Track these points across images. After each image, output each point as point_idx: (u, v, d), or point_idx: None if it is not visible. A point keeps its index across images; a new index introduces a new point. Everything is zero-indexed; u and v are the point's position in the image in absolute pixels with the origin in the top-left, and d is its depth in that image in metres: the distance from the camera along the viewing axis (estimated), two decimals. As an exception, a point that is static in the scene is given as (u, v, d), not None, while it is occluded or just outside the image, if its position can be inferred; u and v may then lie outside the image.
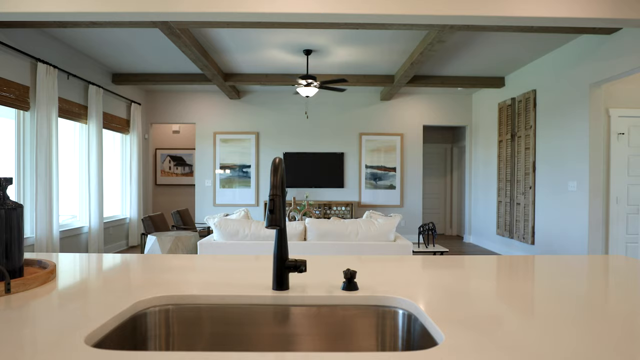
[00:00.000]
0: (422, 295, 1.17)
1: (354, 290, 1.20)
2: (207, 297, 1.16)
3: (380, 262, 1.64)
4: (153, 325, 1.12)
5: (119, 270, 1.47)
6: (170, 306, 1.15)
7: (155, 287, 1.23)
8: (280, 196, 1.00)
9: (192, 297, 1.16)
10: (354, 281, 1.22)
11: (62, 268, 1.50)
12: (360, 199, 8.40)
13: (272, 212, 0.99)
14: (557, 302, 1.12)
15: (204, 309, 1.16)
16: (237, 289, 1.22)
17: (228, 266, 1.53)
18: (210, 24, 4.31)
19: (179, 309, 1.15)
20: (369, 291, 1.20)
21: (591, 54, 4.97)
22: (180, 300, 1.16)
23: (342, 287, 1.22)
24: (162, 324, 1.13)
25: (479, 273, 1.46)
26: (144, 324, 1.10)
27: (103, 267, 1.51)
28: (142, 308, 1.11)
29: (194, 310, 1.15)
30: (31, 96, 4.97)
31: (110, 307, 1.05)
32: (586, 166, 5.04)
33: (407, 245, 3.89)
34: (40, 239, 4.99)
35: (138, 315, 1.09)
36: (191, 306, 1.16)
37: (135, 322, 1.08)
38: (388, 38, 5.32)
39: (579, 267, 1.58)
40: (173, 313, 1.15)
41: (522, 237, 6.41)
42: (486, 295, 1.18)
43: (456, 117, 8.49)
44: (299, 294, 1.17)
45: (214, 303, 1.16)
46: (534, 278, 1.40)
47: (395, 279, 1.36)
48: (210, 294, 1.17)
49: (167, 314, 1.14)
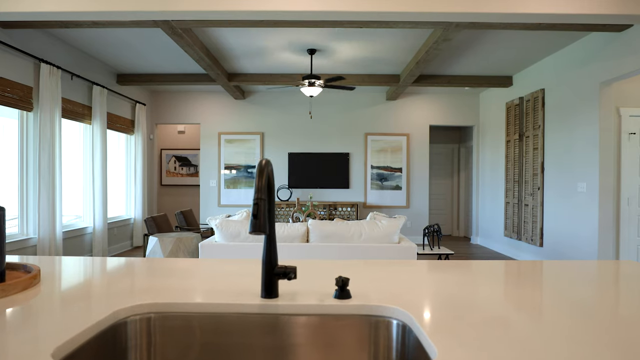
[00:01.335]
0: (419, 304, 1.10)
1: (347, 299, 1.14)
2: (192, 305, 1.11)
3: (378, 267, 1.57)
4: (133, 336, 1.06)
5: (105, 275, 1.42)
6: (152, 314, 1.09)
7: (139, 294, 1.17)
8: (265, 200, 0.94)
9: (176, 305, 1.11)
10: (347, 289, 1.15)
11: (48, 272, 1.45)
12: (365, 200, 8.33)
13: (255, 217, 0.93)
14: (566, 314, 1.05)
15: (189, 317, 1.10)
16: (224, 296, 1.16)
17: (218, 271, 1.48)
18: (212, 23, 4.27)
19: (162, 318, 1.10)
20: (363, 300, 1.14)
21: (601, 52, 4.85)
22: (163, 308, 1.11)
23: (334, 295, 1.16)
24: (144, 334, 1.08)
25: (483, 280, 1.39)
26: (124, 334, 1.05)
27: (89, 272, 1.47)
28: (122, 317, 1.05)
29: (177, 319, 1.10)
30: (34, 97, 4.97)
31: (88, 316, 0.99)
32: (596, 167, 4.92)
33: (411, 247, 3.82)
34: (43, 240, 4.98)
35: (117, 325, 1.04)
36: (175, 314, 1.10)
37: (115, 332, 1.03)
38: (393, 37, 5.24)
39: (588, 275, 1.50)
40: (155, 322, 1.09)
41: (531, 239, 6.29)
42: (489, 305, 1.11)
43: (463, 117, 8.38)
44: (288, 302, 1.11)
45: (198, 311, 1.10)
46: (542, 287, 1.33)
47: (392, 286, 1.30)
48: (194, 302, 1.11)
49: (148, 323, 1.08)
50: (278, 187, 8.29)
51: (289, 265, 1.14)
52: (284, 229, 3.92)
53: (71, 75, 5.71)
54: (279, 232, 3.89)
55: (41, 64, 4.96)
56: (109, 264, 1.60)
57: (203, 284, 1.29)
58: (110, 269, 1.52)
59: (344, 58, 6.12)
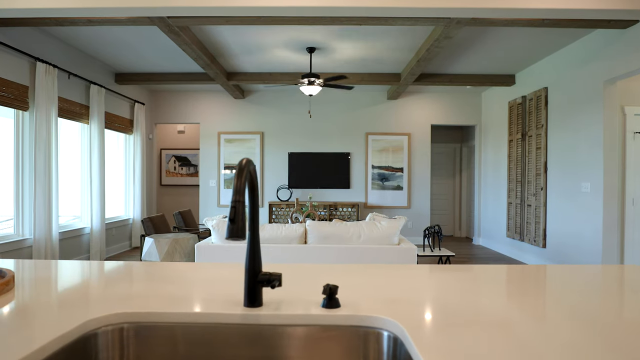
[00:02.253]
0: (412, 314, 1.02)
1: (335, 308, 1.07)
2: (168, 314, 1.04)
3: (373, 272, 1.49)
4: (105, 348, 0.99)
5: (83, 280, 1.35)
6: (126, 325, 1.02)
7: (114, 302, 1.10)
8: (244, 202, 0.87)
9: (151, 314, 1.04)
10: (336, 297, 1.08)
11: (25, 277, 1.38)
12: (366, 200, 8.25)
13: (232, 221, 0.86)
14: (572, 326, 0.97)
15: (165, 328, 1.03)
16: (204, 304, 1.09)
17: (201, 276, 1.40)
18: (209, 20, 4.20)
19: (136, 328, 1.02)
20: (352, 309, 1.06)
21: (605, 50, 4.76)
22: (137, 317, 1.03)
23: (322, 303, 1.08)
24: (116, 346, 1.01)
25: (483, 288, 1.31)
26: (95, 346, 0.98)
27: (68, 277, 1.39)
28: (93, 327, 0.98)
29: (152, 330, 1.03)
30: (30, 96, 4.91)
31: (57, 327, 0.92)
32: (600, 167, 4.83)
33: (411, 249, 3.74)
34: (38, 241, 4.92)
35: (88, 337, 0.97)
36: (150, 325, 1.03)
37: (85, 345, 0.96)
38: (393, 35, 5.16)
39: (593, 282, 1.42)
40: (129, 333, 1.02)
41: (533, 240, 6.20)
42: (489, 316, 1.03)
43: (465, 116, 8.29)
44: (272, 312, 1.04)
45: (175, 321, 1.03)
46: (545, 296, 1.25)
47: (386, 293, 1.22)
48: (171, 312, 1.04)
49: (121, 334, 1.01)
50: (278, 187, 8.22)
51: (273, 272, 1.07)
52: (281, 230, 3.85)
53: (68, 74, 5.65)
54: (276, 233, 3.82)
55: (37, 62, 4.91)
56: (89, 268, 1.52)
57: (183, 291, 1.22)
58: (89, 273, 1.45)
59: (344, 57, 6.04)
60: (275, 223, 7.72)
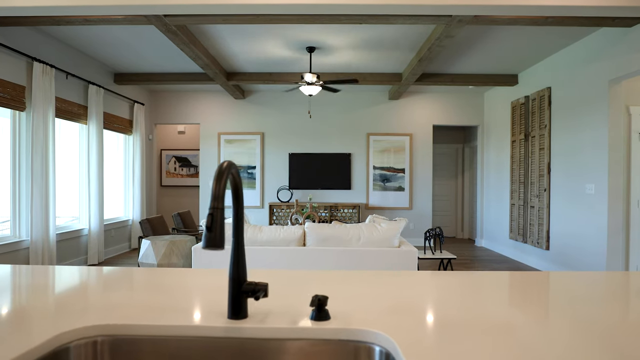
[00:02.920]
0: (407, 328, 0.96)
1: (325, 320, 1.00)
2: (146, 327, 0.97)
3: (368, 279, 1.42)
4: (76, 363, 0.93)
5: (59, 289, 1.29)
6: (100, 338, 0.95)
7: (89, 313, 1.04)
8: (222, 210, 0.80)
9: (128, 327, 0.97)
10: (325, 309, 1.01)
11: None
12: (367, 201, 8.17)
13: (209, 230, 0.79)
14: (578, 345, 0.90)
15: (142, 341, 0.96)
16: (185, 316, 1.03)
17: (188, 283, 1.34)
18: (206, 19, 4.14)
19: (111, 342, 0.96)
20: (343, 321, 0.99)
21: (610, 49, 4.68)
22: (113, 330, 0.97)
23: (310, 315, 1.01)
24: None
25: (483, 297, 1.24)
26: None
27: (43, 285, 1.33)
28: (65, 342, 0.92)
29: (129, 344, 0.96)
30: (27, 96, 4.86)
31: (26, 341, 0.86)
32: (605, 168, 4.74)
33: (412, 251, 3.66)
34: (35, 243, 4.87)
35: (59, 351, 0.90)
36: (126, 338, 0.96)
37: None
38: (394, 34, 5.09)
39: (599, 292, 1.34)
40: (103, 347, 0.95)
41: (537, 242, 6.11)
42: (488, 329, 0.96)
43: (467, 117, 8.20)
44: (257, 325, 0.97)
45: (153, 334, 0.97)
46: (550, 307, 1.18)
47: (381, 303, 1.15)
48: (149, 324, 0.97)
49: (95, 349, 0.95)
50: (278, 188, 8.16)
51: (259, 282, 1.00)
52: (279, 232, 3.79)
53: (66, 74, 5.61)
54: (274, 235, 3.76)
55: (34, 62, 4.86)
56: (67, 275, 1.46)
57: (165, 300, 1.15)
58: (67, 281, 1.38)
59: (345, 56, 5.97)
60: (275, 225, 7.66)
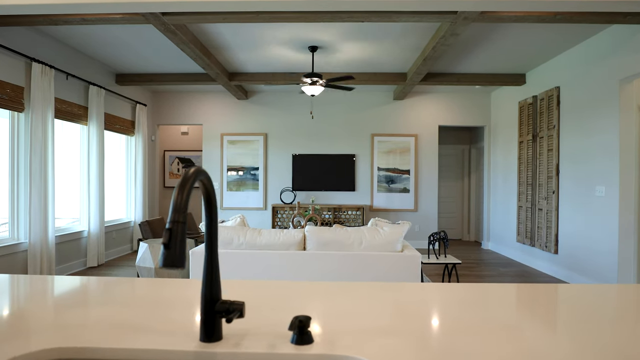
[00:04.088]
0: (397, 354, 0.85)
1: (307, 344, 0.89)
2: (108, 350, 0.87)
3: (361, 292, 1.32)
4: (26, 393, 0.83)
5: (21, 304, 1.19)
6: (55, 364, 0.86)
7: (47, 333, 0.94)
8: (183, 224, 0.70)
9: (88, 350, 0.87)
10: (308, 331, 0.91)
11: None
12: (372, 203, 8.05)
13: (167, 247, 0.69)
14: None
15: (103, 367, 0.86)
16: (154, 337, 0.93)
17: (165, 297, 1.24)
18: (205, 17, 4.06)
19: (68, 368, 0.86)
20: (326, 345, 0.89)
21: (621, 47, 4.53)
22: (72, 354, 0.87)
23: (291, 338, 0.91)
24: (42, 390, 0.85)
25: (487, 317, 1.13)
26: (14, 390, 0.82)
27: (4, 298, 1.24)
28: (15, 367, 0.82)
29: (88, 370, 0.86)
30: (25, 97, 4.81)
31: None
32: (616, 169, 4.59)
33: (415, 256, 3.55)
34: (34, 245, 4.81)
35: (7, 379, 0.81)
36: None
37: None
38: (397, 32, 4.97)
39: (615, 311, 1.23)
40: (59, 374, 0.86)
41: (545, 246, 5.96)
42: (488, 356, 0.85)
43: (474, 117, 8.06)
44: (230, 349, 0.87)
45: (115, 359, 0.87)
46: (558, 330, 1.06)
47: (372, 322, 1.04)
48: (111, 347, 0.87)
49: (48, 376, 0.85)
50: (282, 190, 8.06)
51: (235, 301, 0.90)
52: (279, 236, 3.69)
53: (66, 75, 5.55)
54: (273, 239, 3.66)
55: (33, 63, 4.81)
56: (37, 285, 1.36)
57: (136, 318, 1.05)
58: (32, 293, 1.29)
59: (348, 56, 5.87)
60: (277, 228, 7.57)
